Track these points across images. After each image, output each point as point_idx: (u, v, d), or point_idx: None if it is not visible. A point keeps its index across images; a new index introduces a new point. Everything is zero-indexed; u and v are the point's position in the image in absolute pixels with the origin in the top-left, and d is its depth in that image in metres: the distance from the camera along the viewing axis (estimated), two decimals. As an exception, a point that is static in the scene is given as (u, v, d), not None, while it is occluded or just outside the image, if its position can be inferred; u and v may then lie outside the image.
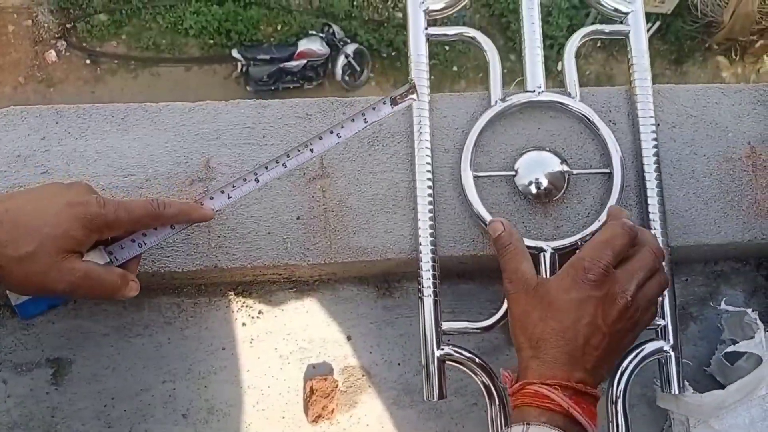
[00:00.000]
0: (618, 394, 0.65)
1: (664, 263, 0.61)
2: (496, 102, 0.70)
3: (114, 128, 0.68)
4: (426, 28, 0.71)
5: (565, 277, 0.56)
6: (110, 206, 0.55)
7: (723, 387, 0.68)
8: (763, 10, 4.10)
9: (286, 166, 0.61)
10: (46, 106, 0.68)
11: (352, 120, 0.61)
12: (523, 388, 0.54)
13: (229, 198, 0.61)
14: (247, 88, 4.07)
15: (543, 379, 0.53)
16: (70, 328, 0.74)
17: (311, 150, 0.61)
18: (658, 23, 4.23)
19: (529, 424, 0.52)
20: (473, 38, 0.72)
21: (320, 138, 0.61)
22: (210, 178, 0.68)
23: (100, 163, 0.68)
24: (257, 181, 0.61)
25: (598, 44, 4.06)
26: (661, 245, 0.68)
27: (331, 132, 0.61)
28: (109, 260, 0.58)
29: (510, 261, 0.60)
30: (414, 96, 0.61)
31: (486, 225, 0.67)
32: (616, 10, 0.74)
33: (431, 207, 0.68)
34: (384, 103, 0.61)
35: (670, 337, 0.67)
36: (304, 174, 0.69)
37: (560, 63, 0.73)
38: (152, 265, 0.66)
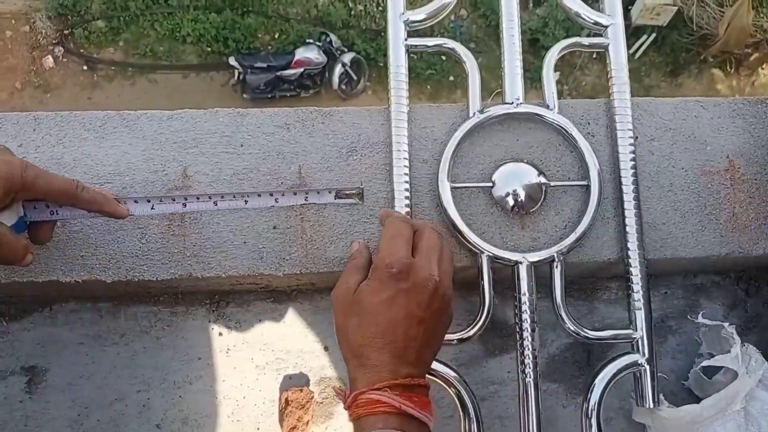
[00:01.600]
0: (592, 407, 0.65)
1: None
2: (474, 113, 0.70)
3: (92, 136, 0.68)
4: (406, 39, 0.71)
5: (373, 280, 0.57)
6: (31, 171, 0.55)
7: (700, 401, 0.68)
8: (758, 23, 4.12)
9: (216, 204, 0.63)
10: (24, 113, 0.68)
11: (294, 193, 0.65)
12: (356, 399, 0.54)
13: (152, 209, 0.62)
14: (244, 95, 4.08)
15: (371, 385, 0.53)
16: (45, 336, 0.73)
17: (245, 201, 0.64)
18: (653, 35, 4.26)
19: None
20: (453, 49, 0.72)
21: (258, 195, 0.64)
22: (187, 186, 0.68)
23: (77, 170, 0.67)
24: (184, 205, 0.63)
25: (594, 56, 4.07)
26: (639, 258, 0.68)
27: (271, 195, 0.64)
28: (23, 214, 0.58)
29: (343, 273, 0.61)
30: (359, 201, 0.67)
31: (463, 237, 0.67)
32: (596, 23, 0.74)
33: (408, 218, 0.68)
34: (329, 192, 0.66)
35: (645, 351, 0.67)
36: (282, 183, 0.69)
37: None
38: (126, 273, 0.66)
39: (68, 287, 0.67)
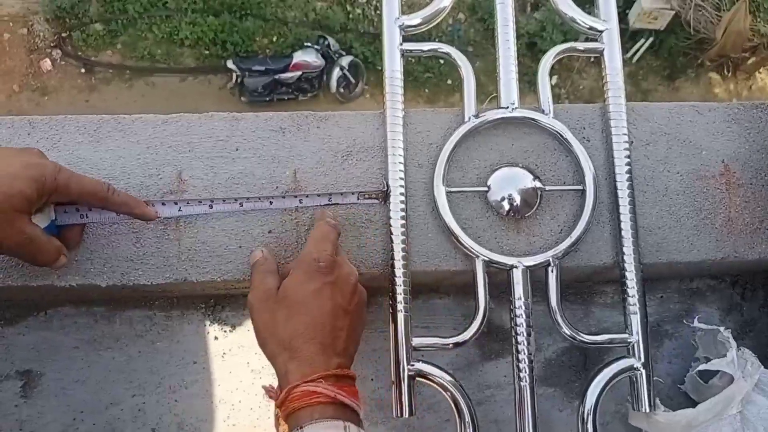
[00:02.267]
0: (588, 411, 0.65)
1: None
2: (469, 118, 0.70)
3: (86, 140, 0.68)
4: (401, 44, 0.72)
5: (299, 274, 0.59)
6: (64, 173, 0.57)
7: (697, 405, 0.68)
8: (755, 27, 4.13)
9: (242, 206, 0.66)
10: (19, 117, 0.68)
11: (318, 195, 0.67)
12: (290, 393, 0.54)
13: (179, 210, 0.65)
14: (242, 98, 4.07)
15: (305, 377, 0.54)
16: (41, 340, 0.73)
17: (270, 202, 0.67)
18: (651, 39, 4.26)
19: (302, 428, 0.52)
20: (448, 54, 0.72)
21: (283, 197, 0.67)
22: (182, 190, 0.68)
23: (72, 174, 0.67)
24: (211, 207, 0.66)
25: (592, 59, 4.08)
26: (634, 262, 0.68)
27: (295, 196, 0.67)
28: (54, 218, 0.59)
29: (256, 277, 0.62)
30: (382, 202, 0.68)
31: (457, 242, 0.67)
32: (591, 28, 0.74)
33: (404, 222, 0.68)
34: (353, 194, 0.68)
35: (641, 355, 0.67)
36: (277, 187, 0.69)
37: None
38: (121, 277, 0.65)
39: (63, 291, 0.67)
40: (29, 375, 0.73)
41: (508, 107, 0.70)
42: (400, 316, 0.66)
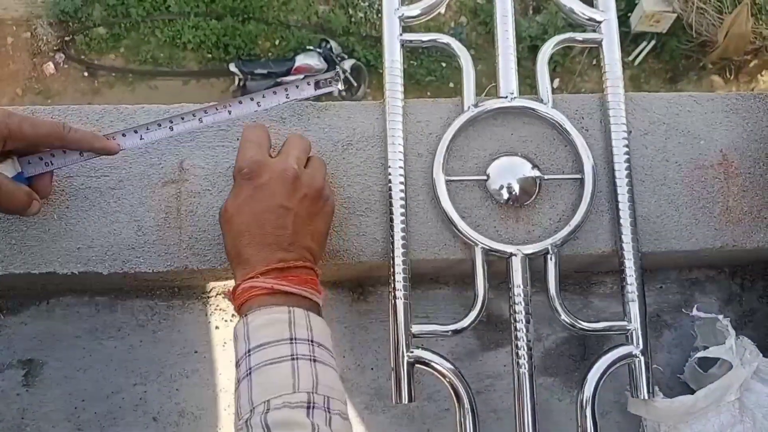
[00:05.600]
0: (587, 399, 0.65)
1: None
2: (469, 107, 0.71)
3: (89, 129, 0.69)
4: (401, 34, 0.72)
5: (233, 189, 0.60)
6: (15, 118, 0.57)
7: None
8: (757, 30, 4.14)
9: (201, 121, 0.64)
10: (21, 107, 0.69)
11: (275, 93, 0.65)
12: (234, 293, 0.57)
13: (141, 139, 0.64)
14: (245, 102, 4.07)
15: (244, 277, 0.56)
16: (43, 329, 0.74)
17: (229, 112, 0.64)
18: (653, 42, 4.27)
19: (246, 315, 0.55)
20: (447, 44, 0.73)
21: (240, 102, 0.64)
22: (183, 179, 0.68)
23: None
24: (171, 129, 0.64)
25: (594, 62, 4.09)
26: (633, 250, 0.68)
27: (252, 99, 0.64)
28: (20, 170, 0.59)
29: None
30: (337, 86, 0.65)
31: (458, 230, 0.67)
32: (590, 19, 0.75)
33: (404, 211, 0.68)
34: (308, 84, 0.65)
35: (640, 342, 0.67)
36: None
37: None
38: (122, 265, 0.66)
39: (65, 280, 0.68)
40: (31, 364, 0.73)
41: (507, 97, 0.71)
42: (400, 303, 0.67)
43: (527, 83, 0.74)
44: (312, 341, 0.54)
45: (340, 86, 0.71)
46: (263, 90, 0.65)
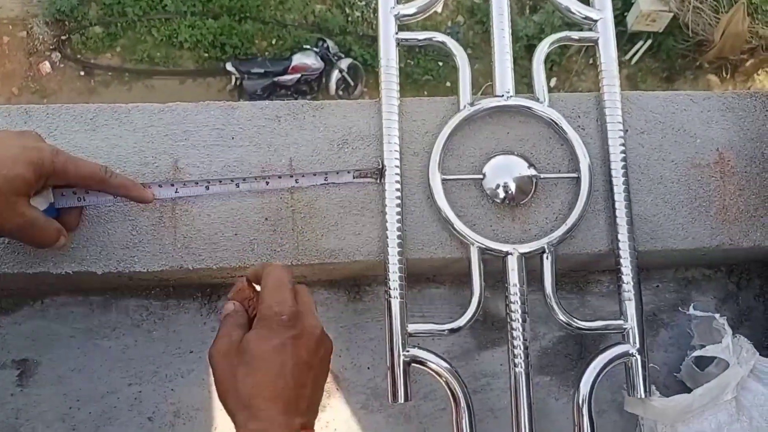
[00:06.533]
0: (584, 397, 0.65)
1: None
2: (465, 106, 0.71)
3: (82, 128, 0.68)
4: (396, 33, 0.72)
5: (261, 328, 0.54)
6: (62, 156, 0.57)
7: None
8: (753, 29, 4.14)
9: (238, 186, 0.67)
10: (15, 106, 0.68)
11: (314, 174, 0.68)
12: None
13: (176, 192, 0.65)
14: (241, 101, 4.07)
15: None
16: (37, 329, 0.73)
17: (267, 183, 0.67)
18: (649, 41, 4.27)
19: None
20: (443, 43, 0.73)
21: (279, 177, 0.68)
22: (178, 178, 0.68)
23: (68, 162, 0.67)
24: (207, 188, 0.66)
25: (590, 61, 4.09)
26: (629, 249, 0.68)
27: (291, 176, 0.68)
28: (53, 201, 0.60)
29: (222, 329, 0.57)
30: (377, 181, 0.69)
31: (455, 229, 0.67)
32: (586, 17, 0.74)
33: (399, 210, 0.68)
34: (348, 172, 0.68)
35: (636, 341, 0.67)
36: (273, 175, 0.69)
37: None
38: (117, 264, 0.66)
39: (59, 280, 0.67)
40: (25, 364, 0.73)
41: (503, 95, 0.71)
42: (396, 302, 0.66)
43: (524, 83, 0.74)
44: None
45: (379, 181, 0.72)
46: (305, 172, 0.68)
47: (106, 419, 0.73)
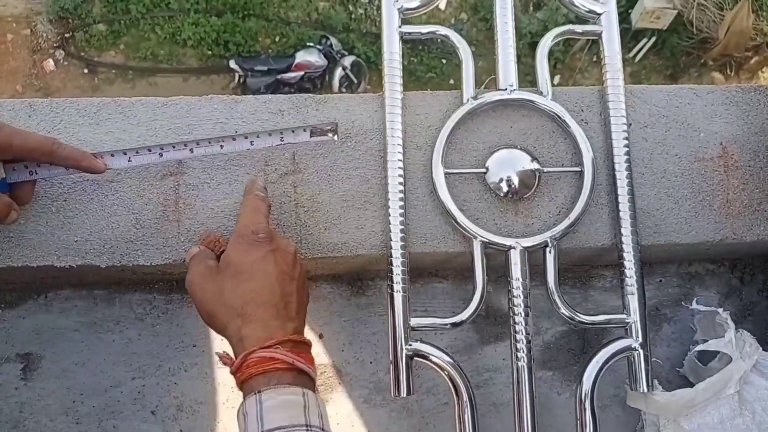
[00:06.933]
0: (586, 392, 0.65)
1: None
2: (468, 100, 0.71)
3: (86, 122, 0.68)
4: (400, 27, 0.72)
5: (239, 245, 0.58)
6: (6, 130, 0.57)
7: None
8: (758, 27, 4.12)
9: (192, 152, 0.65)
10: (20, 100, 0.69)
11: (269, 134, 0.66)
12: (246, 359, 0.53)
13: (129, 161, 0.64)
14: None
15: (261, 343, 0.53)
16: (41, 323, 0.74)
17: (221, 146, 0.65)
18: (653, 39, 4.26)
19: (260, 392, 0.51)
20: (446, 36, 0.73)
21: (233, 138, 0.65)
22: (181, 172, 0.68)
23: (72, 156, 0.68)
24: (161, 155, 0.64)
25: (594, 59, 4.08)
26: (632, 243, 0.68)
27: (246, 137, 0.65)
28: (4, 176, 0.60)
29: (193, 262, 0.61)
30: (334, 137, 0.67)
31: (455, 223, 0.67)
32: (590, 11, 0.74)
33: (402, 204, 0.68)
34: (304, 131, 0.66)
35: (639, 335, 0.67)
36: (276, 169, 0.69)
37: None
38: (121, 258, 0.66)
39: (63, 274, 0.67)
40: (29, 358, 0.73)
41: (506, 89, 0.71)
42: (398, 296, 0.66)
43: (527, 80, 0.74)
44: (323, 429, 0.52)
45: (336, 138, 0.71)
46: (259, 131, 0.66)
47: (110, 413, 0.73)
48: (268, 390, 0.51)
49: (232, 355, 0.55)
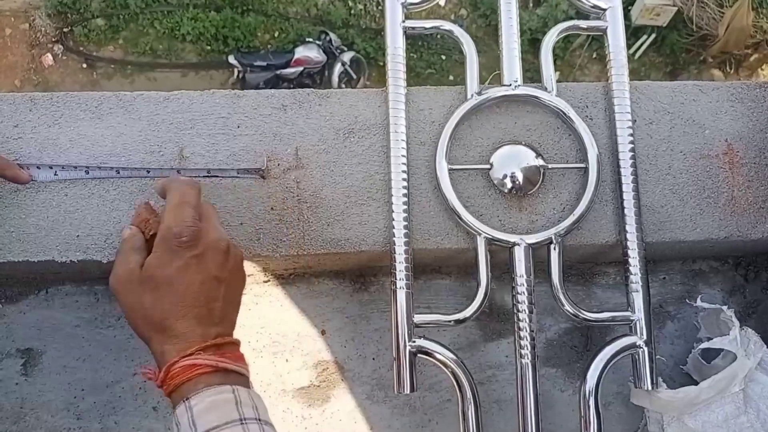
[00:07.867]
0: (590, 389, 0.65)
1: None
2: (472, 95, 0.70)
3: (87, 116, 0.68)
4: (403, 21, 0.71)
5: (162, 252, 0.55)
6: None
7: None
8: (758, 24, 4.12)
9: (118, 173, 0.65)
10: (21, 94, 0.68)
11: (196, 168, 0.67)
12: (169, 371, 0.52)
13: (55, 175, 0.65)
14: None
15: (182, 353, 0.52)
16: (42, 318, 0.73)
17: (147, 171, 0.66)
18: (653, 36, 4.25)
19: (188, 398, 0.50)
20: (450, 31, 0.72)
21: (160, 169, 0.66)
22: (183, 167, 0.68)
23: (73, 150, 0.67)
24: (87, 173, 0.65)
25: (594, 55, 4.07)
26: (637, 240, 0.68)
27: (173, 168, 0.66)
28: None
29: (118, 257, 0.57)
30: (261, 178, 0.68)
31: (458, 217, 0.67)
32: (594, 6, 0.74)
33: (406, 199, 0.68)
34: (232, 169, 0.67)
35: (643, 332, 0.67)
36: (279, 165, 0.68)
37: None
38: (122, 253, 0.65)
39: (64, 269, 0.67)
40: (30, 353, 0.73)
41: (511, 84, 0.70)
42: (401, 293, 0.66)
43: (528, 77, 0.73)
44: (259, 420, 0.51)
45: (263, 178, 0.72)
46: (188, 166, 0.67)
47: (111, 409, 0.73)
48: (197, 394, 0.50)
49: (152, 368, 0.54)
